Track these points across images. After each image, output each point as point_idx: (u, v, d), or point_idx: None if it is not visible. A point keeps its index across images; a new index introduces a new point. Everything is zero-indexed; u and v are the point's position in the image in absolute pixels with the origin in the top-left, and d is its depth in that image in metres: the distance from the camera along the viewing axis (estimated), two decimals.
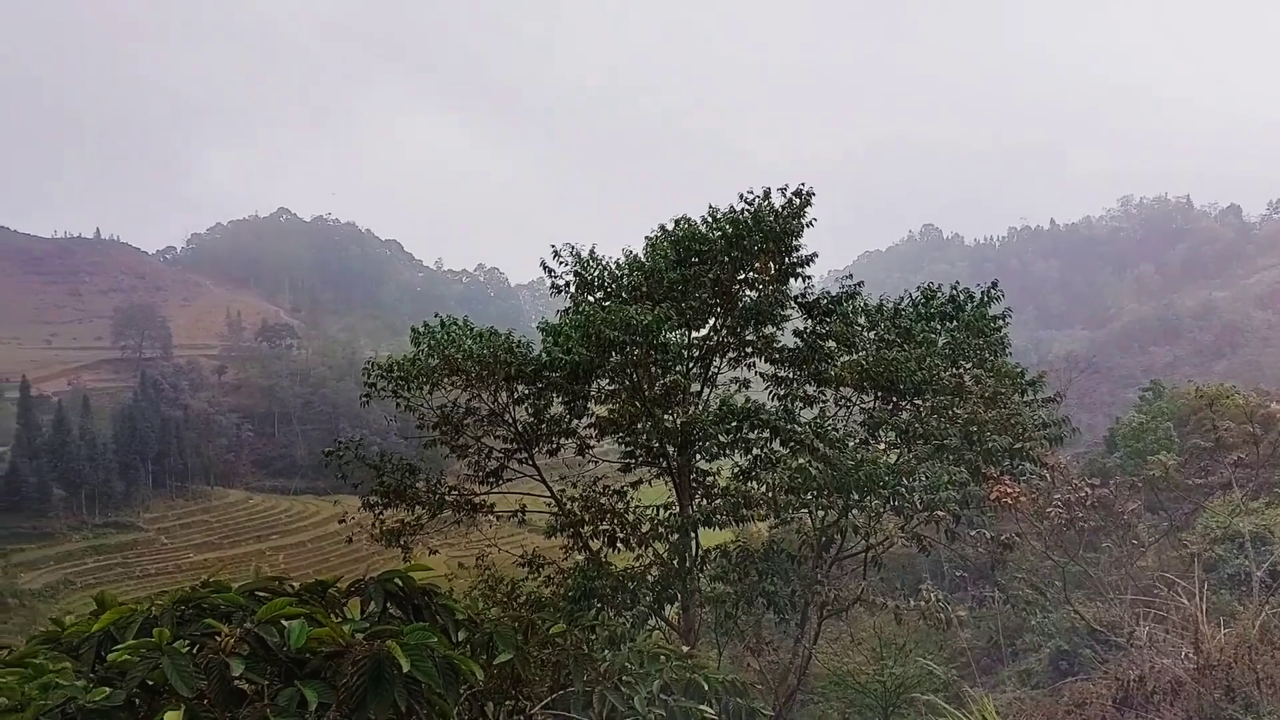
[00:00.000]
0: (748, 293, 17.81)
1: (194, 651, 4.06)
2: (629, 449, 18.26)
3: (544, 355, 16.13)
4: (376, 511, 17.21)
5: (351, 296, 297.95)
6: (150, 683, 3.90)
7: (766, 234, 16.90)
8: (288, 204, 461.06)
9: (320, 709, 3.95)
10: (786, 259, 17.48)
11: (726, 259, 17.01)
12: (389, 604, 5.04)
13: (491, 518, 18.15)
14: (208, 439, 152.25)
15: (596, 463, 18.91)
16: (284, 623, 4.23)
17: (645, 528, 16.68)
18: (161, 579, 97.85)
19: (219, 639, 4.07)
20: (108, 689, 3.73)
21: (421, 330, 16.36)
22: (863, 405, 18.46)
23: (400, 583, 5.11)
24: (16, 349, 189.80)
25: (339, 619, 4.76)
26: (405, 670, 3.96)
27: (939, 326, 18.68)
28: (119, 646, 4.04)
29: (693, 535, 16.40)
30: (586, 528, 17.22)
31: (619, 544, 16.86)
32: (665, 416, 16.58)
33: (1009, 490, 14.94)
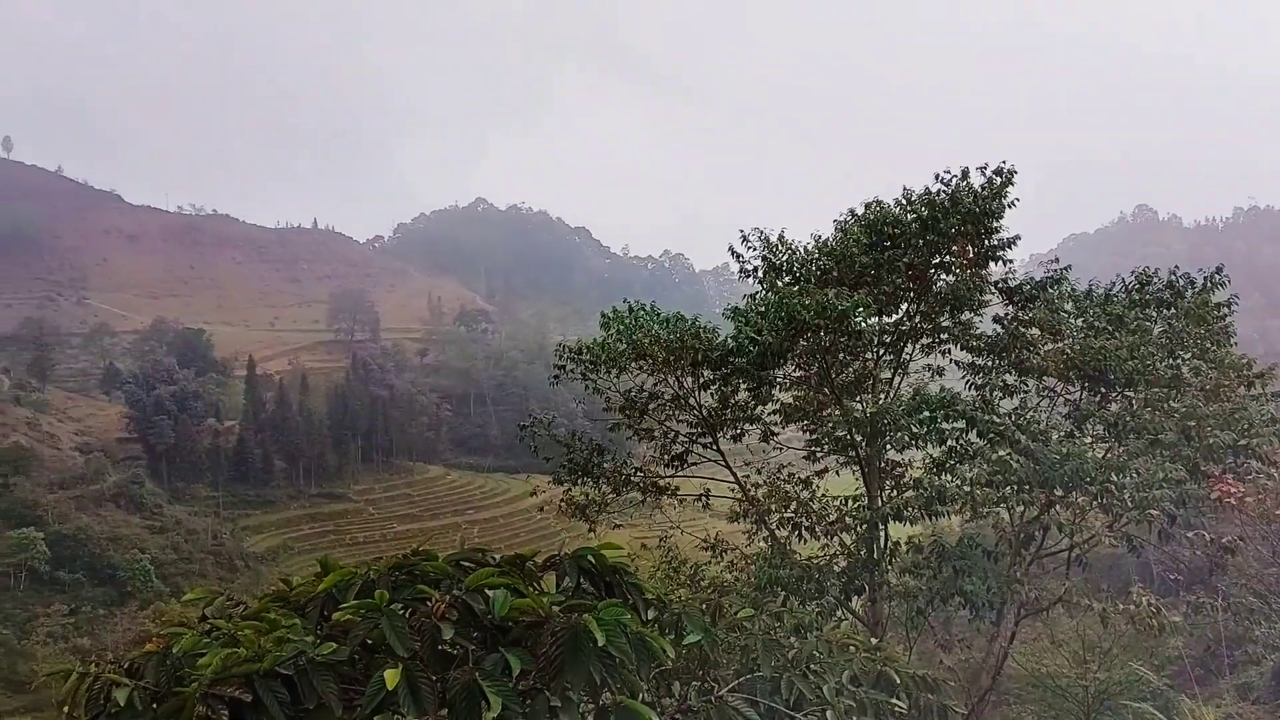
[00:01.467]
0: (944, 277, 17.18)
1: (408, 614, 4.32)
2: (815, 437, 18.01)
3: (730, 340, 16.09)
4: (565, 487, 17.72)
5: (542, 282, 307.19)
6: (369, 641, 4.18)
7: (964, 216, 16.24)
8: (485, 194, 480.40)
9: (521, 675, 4.12)
10: (986, 242, 16.76)
11: (921, 242, 16.46)
12: (582, 579, 5.18)
13: (674, 500, 18.34)
14: (410, 417, 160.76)
15: (781, 450, 18.77)
16: (488, 592, 4.43)
17: (832, 517, 16.43)
18: (369, 546, 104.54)
19: (430, 604, 4.31)
20: (334, 645, 4.02)
21: (610, 315, 16.64)
22: (1068, 396, 17.47)
23: (593, 560, 5.23)
24: (245, 331, 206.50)
25: (537, 591, 4.93)
26: (600, 644, 4.06)
27: (1154, 314, 17.40)
28: (343, 607, 4.34)
29: (882, 528, 16.02)
30: (771, 515, 17.12)
31: (804, 533, 16.68)
32: (854, 404, 16.25)
33: (1232, 489, 13.78)
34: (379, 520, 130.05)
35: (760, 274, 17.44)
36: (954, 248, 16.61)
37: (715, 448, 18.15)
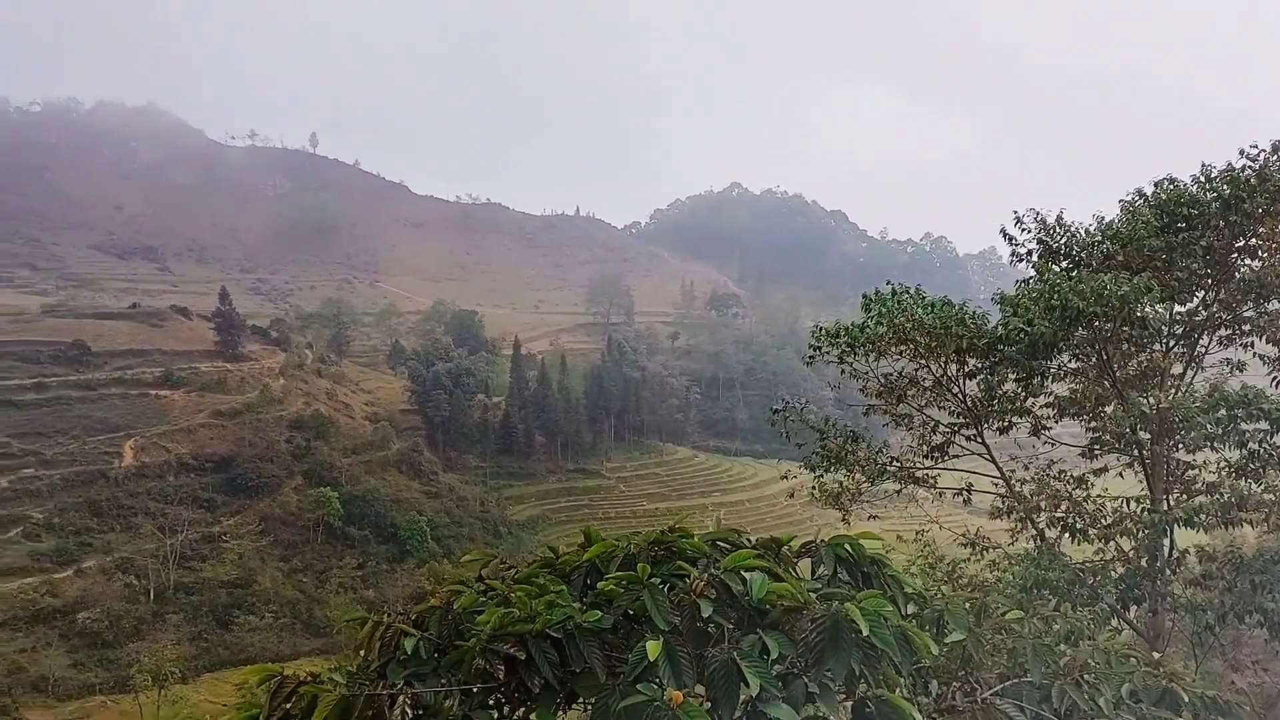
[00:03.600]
0: (1248, 262, 15.51)
1: (666, 589, 4.41)
2: (1094, 433, 16.77)
3: (999, 328, 15.27)
4: (817, 474, 17.49)
5: (795, 266, 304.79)
6: (631, 612, 4.30)
7: (1274, 194, 14.54)
8: (740, 178, 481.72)
9: (778, 658, 4.09)
10: None
11: (1222, 223, 14.92)
12: (838, 568, 5.09)
13: (930, 493, 17.69)
14: (661, 399, 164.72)
15: (1053, 445, 17.62)
16: (745, 574, 4.44)
17: (1108, 520, 15.22)
18: (620, 522, 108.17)
19: (688, 581, 4.37)
20: (598, 613, 4.17)
21: (872, 297, 16.24)
22: None
23: (850, 549, 5.12)
24: (512, 313, 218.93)
25: (793, 576, 4.89)
26: (864, 634, 3.99)
27: None
28: (607, 577, 4.49)
29: (1167, 534, 14.66)
30: (1040, 514, 16.11)
31: (1075, 535, 15.58)
32: (1141, 400, 14.94)
33: None
34: (629, 497, 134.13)
35: (1034, 258, 16.42)
36: (1261, 229, 14.94)
37: (979, 440, 17.31)
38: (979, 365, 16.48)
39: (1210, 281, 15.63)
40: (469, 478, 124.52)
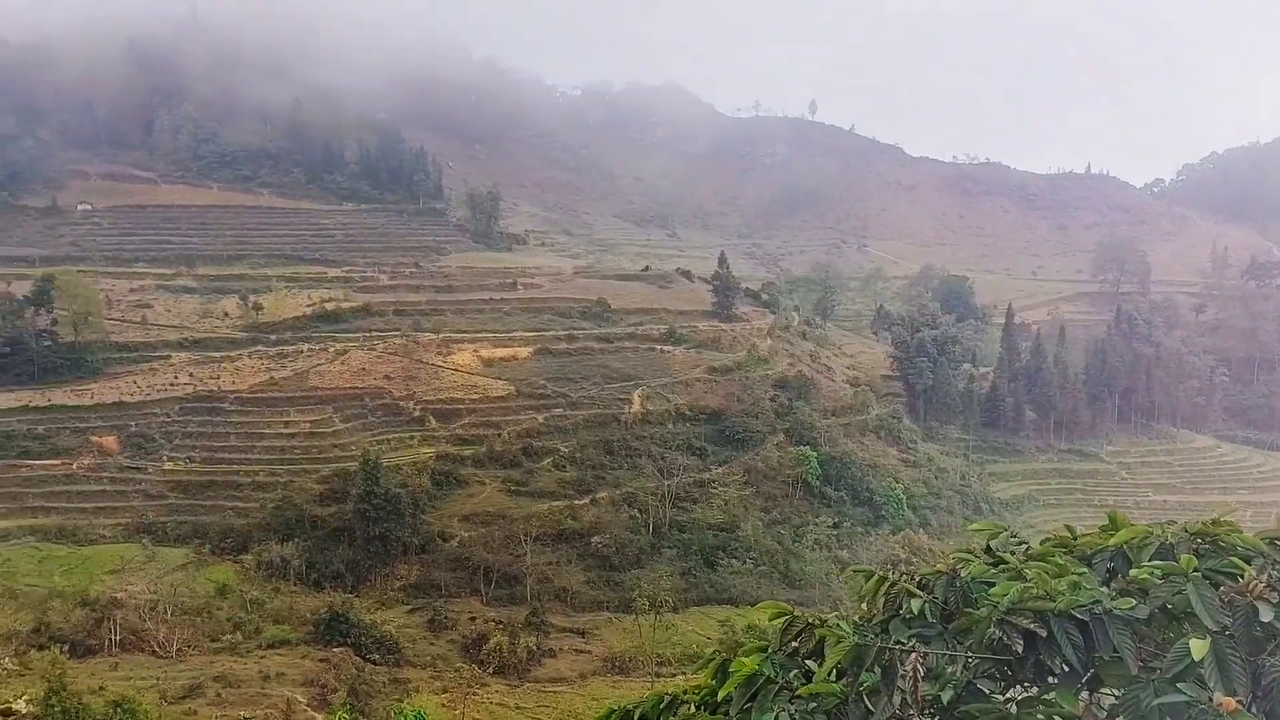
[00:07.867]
0: None
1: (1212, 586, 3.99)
2: None
3: None
4: None
5: None
6: (1169, 606, 3.95)
7: None
8: None
9: None
10: None
11: None
12: None
13: None
14: (1177, 380, 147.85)
15: None
16: None
17: None
18: (1120, 512, 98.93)
19: (1242, 580, 3.92)
20: (1132, 601, 3.90)
21: None
22: None
23: None
24: (1007, 280, 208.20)
25: None
26: None
27: None
28: (1141, 565, 4.18)
29: None
30: None
31: None
32: None
33: None
34: (1132, 486, 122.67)
35: None
36: None
37: None
38: None
39: None
40: (949, 449, 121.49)
